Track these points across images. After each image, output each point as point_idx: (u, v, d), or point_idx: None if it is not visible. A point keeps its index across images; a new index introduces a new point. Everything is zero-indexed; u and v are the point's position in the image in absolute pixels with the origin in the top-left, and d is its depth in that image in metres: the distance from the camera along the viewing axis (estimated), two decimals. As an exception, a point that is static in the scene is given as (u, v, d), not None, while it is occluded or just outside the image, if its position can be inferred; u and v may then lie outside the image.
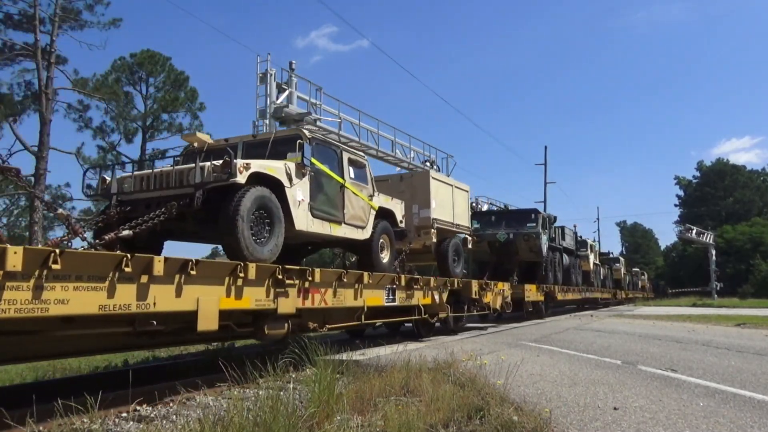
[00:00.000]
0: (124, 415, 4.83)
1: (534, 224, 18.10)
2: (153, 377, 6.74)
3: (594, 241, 31.27)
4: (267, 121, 14.64)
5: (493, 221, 18.80)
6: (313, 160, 7.65)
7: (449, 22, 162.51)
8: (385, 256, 9.56)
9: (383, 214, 9.60)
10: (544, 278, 19.06)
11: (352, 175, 8.75)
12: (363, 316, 8.22)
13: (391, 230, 9.79)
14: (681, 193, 78.66)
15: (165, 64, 31.65)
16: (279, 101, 14.98)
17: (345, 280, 7.65)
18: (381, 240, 9.38)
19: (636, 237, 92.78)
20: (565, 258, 22.18)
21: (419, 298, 10.05)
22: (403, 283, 9.35)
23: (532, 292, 17.41)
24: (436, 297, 10.72)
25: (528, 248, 17.81)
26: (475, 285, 12.49)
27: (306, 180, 7.43)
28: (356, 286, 8.00)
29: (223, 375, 4.86)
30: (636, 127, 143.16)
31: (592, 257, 28.14)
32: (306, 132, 7.81)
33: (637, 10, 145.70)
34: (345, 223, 8.25)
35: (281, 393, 4.17)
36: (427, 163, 21.27)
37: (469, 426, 4.08)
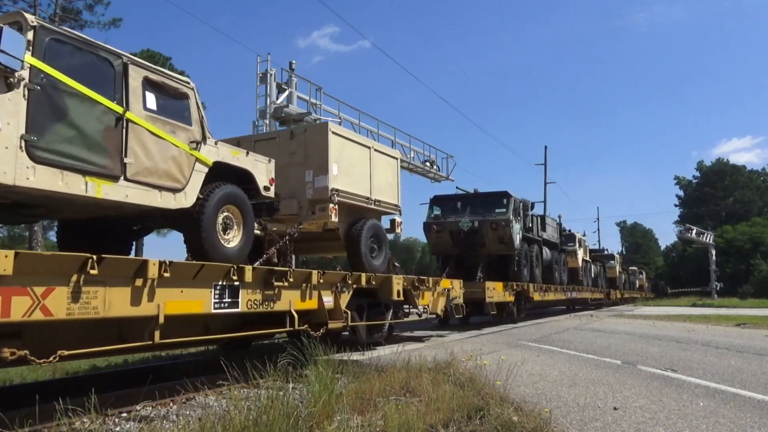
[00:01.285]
0: (124, 415, 4.83)
1: (504, 210, 15.34)
2: (153, 377, 6.73)
3: (584, 235, 28.31)
4: (267, 121, 14.65)
5: (456, 207, 15.97)
6: (39, 64, 4.59)
7: (450, 22, 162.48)
8: (233, 239, 6.50)
9: (229, 174, 6.55)
10: (516, 275, 16.02)
11: (151, 105, 5.65)
12: (159, 333, 5.16)
13: (246, 200, 6.68)
14: (681, 193, 78.65)
15: (165, 64, 31.62)
16: (279, 101, 15.00)
17: (94, 271, 4.50)
18: (223, 213, 6.33)
19: (636, 237, 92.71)
20: (546, 252, 19.42)
21: (293, 301, 7.04)
22: (249, 277, 6.19)
23: (496, 292, 14.34)
24: (327, 299, 7.65)
25: (496, 238, 15.15)
26: (398, 282, 9.32)
27: (17, 94, 4.42)
28: (138, 281, 4.96)
29: (223, 375, 4.87)
30: (636, 128, 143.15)
31: (580, 253, 25.45)
32: (30, 16, 4.70)
33: (638, 10, 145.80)
34: (129, 179, 5.24)
35: (281, 393, 4.17)
36: (428, 163, 21.28)
37: (469, 426, 4.08)
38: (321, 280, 7.52)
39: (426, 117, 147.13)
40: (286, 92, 15.32)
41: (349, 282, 8.18)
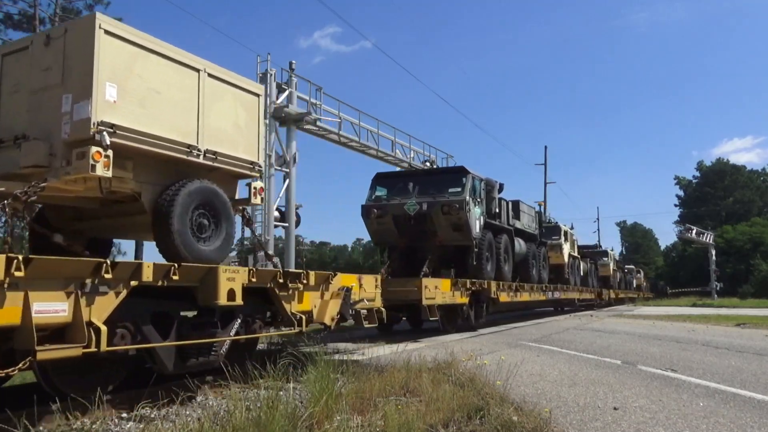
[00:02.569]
0: (124, 415, 4.82)
1: (458, 189, 12.46)
2: (153, 377, 6.72)
3: (571, 228, 25.16)
4: (267, 121, 14.64)
5: (404, 188, 13.03)
6: None
7: (450, 22, 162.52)
8: None
9: None
10: (476, 270, 13.01)
11: None
12: None
13: None
14: (681, 193, 78.66)
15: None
16: (279, 101, 14.99)
17: None
18: None
19: (636, 237, 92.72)
20: (520, 244, 16.39)
21: None
22: None
23: (439, 292, 11.12)
24: (48, 307, 4.19)
25: (449, 225, 12.33)
26: (230, 277, 5.76)
27: None
28: None
29: (223, 375, 4.86)
30: (637, 127, 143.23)
31: (566, 247, 22.47)
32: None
33: (638, 10, 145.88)
34: None
35: (281, 393, 4.17)
36: (427, 163, 21.27)
37: (469, 426, 4.08)
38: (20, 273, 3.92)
39: (426, 117, 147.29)
40: (286, 92, 15.31)
41: (109, 276, 4.57)
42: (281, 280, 6.56)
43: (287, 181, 15.21)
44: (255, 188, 7.02)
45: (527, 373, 6.44)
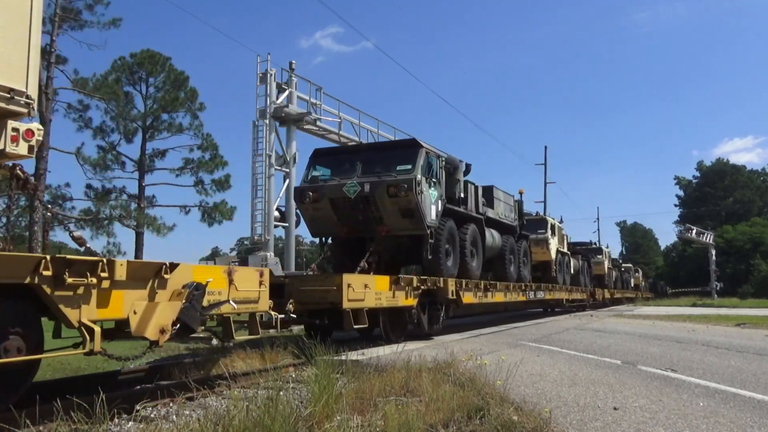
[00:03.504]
0: (125, 415, 4.82)
1: (408, 167, 10.24)
2: (153, 377, 6.73)
3: (560, 222, 23.04)
4: (267, 121, 14.65)
5: (347, 165, 10.89)
6: None
7: (451, 22, 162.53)
8: None
9: None
10: (432, 265, 10.82)
11: None
12: None
13: None
14: (681, 193, 78.69)
15: (165, 64, 31.60)
16: (279, 101, 15.01)
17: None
18: None
19: (636, 237, 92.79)
20: (493, 237, 14.04)
21: None
22: None
23: (371, 292, 8.60)
24: None
25: (397, 210, 10.10)
26: None
27: None
28: None
29: (222, 375, 4.86)
30: (637, 127, 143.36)
31: (554, 242, 20.46)
32: None
33: (641, 9, 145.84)
34: None
35: (281, 393, 4.18)
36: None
37: (469, 426, 4.08)
38: None
39: (426, 117, 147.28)
40: (286, 92, 15.32)
41: None
42: (51, 272, 4.30)
43: (287, 181, 15.22)
44: (18, 131, 4.78)
45: (527, 372, 6.44)
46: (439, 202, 10.98)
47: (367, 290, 8.46)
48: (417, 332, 10.54)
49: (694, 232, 46.93)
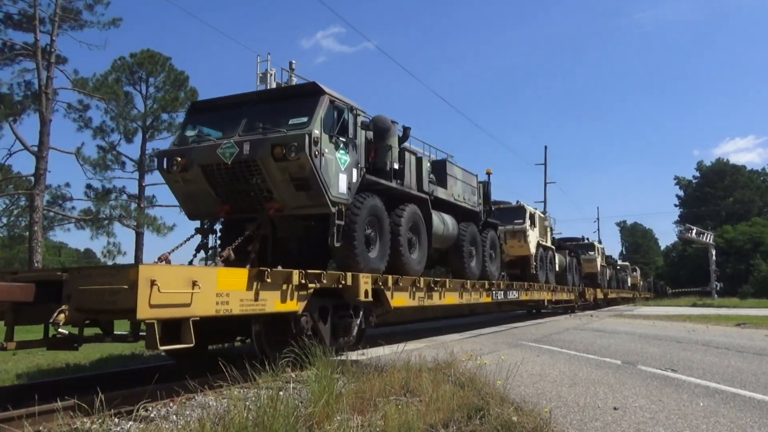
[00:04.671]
0: (124, 414, 4.82)
1: (303, 120, 7.66)
2: (153, 377, 6.72)
3: (544, 213, 20.51)
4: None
5: (232, 123, 8.12)
6: None
7: (451, 21, 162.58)
8: None
9: None
10: (343, 255, 8.14)
11: None
12: None
13: None
14: (681, 193, 78.71)
15: (165, 64, 31.61)
16: (278, 101, 14.86)
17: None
18: None
19: (636, 237, 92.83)
20: (446, 223, 11.47)
21: None
22: None
23: (202, 294, 5.49)
24: None
25: (287, 179, 7.53)
26: None
27: None
28: None
29: (223, 375, 4.86)
30: (637, 127, 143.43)
31: (533, 235, 17.74)
32: None
33: (642, 9, 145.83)
34: None
35: (281, 393, 4.18)
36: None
37: (469, 426, 4.08)
38: None
39: (426, 116, 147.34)
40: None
41: None
42: None
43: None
44: None
45: (527, 372, 6.45)
46: (354, 171, 8.24)
47: (196, 290, 5.42)
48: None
49: (694, 232, 46.94)
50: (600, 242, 34.51)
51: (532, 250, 17.65)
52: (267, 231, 8.53)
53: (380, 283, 8.64)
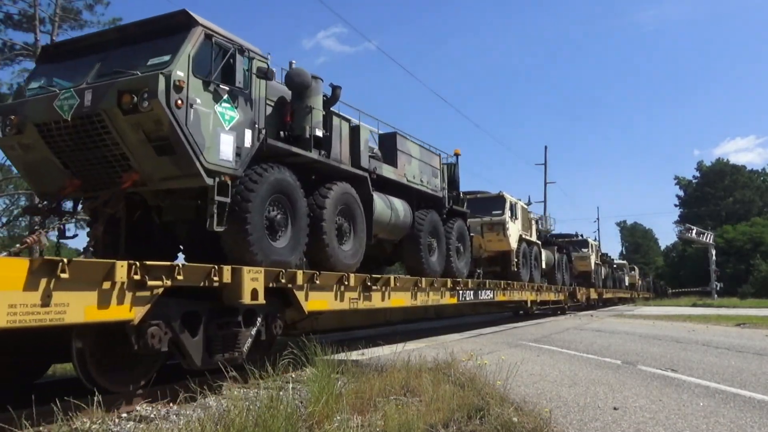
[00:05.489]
0: (124, 415, 4.83)
1: (165, 59, 5.67)
2: (153, 377, 6.72)
3: (528, 203, 18.63)
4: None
5: (83, 68, 6.14)
6: None
7: (451, 20, 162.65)
8: None
9: None
10: (230, 243, 6.27)
11: None
12: None
13: None
14: (681, 193, 78.69)
15: (165, 64, 31.58)
16: (278, 101, 14.80)
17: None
18: None
19: (636, 237, 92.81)
20: (395, 209, 9.60)
21: None
22: None
23: None
24: None
25: (143, 139, 5.64)
26: None
27: None
28: None
29: (223, 375, 4.87)
30: (638, 127, 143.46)
31: (515, 227, 15.89)
32: None
33: (644, 9, 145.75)
34: None
35: (281, 393, 4.18)
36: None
37: (469, 426, 4.08)
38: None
39: (426, 116, 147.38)
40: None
41: None
42: None
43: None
44: None
45: (527, 373, 6.45)
46: (247, 132, 6.41)
47: None
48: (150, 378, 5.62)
49: (694, 232, 46.92)
50: (596, 240, 32.90)
51: (513, 244, 15.83)
52: (119, 211, 6.58)
53: (283, 280, 6.50)
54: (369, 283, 8.37)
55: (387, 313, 11.02)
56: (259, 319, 6.32)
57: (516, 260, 15.98)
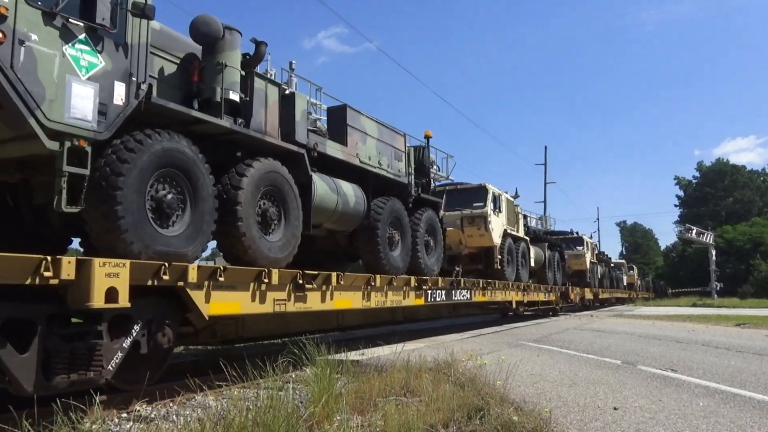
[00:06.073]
0: (124, 415, 4.83)
1: None
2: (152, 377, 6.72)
3: (516, 195, 16.90)
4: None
5: None
6: None
7: (452, 21, 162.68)
8: None
9: None
10: (99, 224, 4.90)
11: None
12: None
13: None
14: (681, 193, 78.67)
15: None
16: (278, 101, 14.73)
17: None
18: None
19: (636, 237, 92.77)
20: (343, 193, 8.24)
21: None
22: None
23: None
24: None
25: None
26: None
27: None
28: None
29: (223, 375, 4.86)
30: (638, 127, 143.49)
31: (497, 221, 14.41)
32: None
33: (645, 8, 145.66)
34: None
35: (281, 393, 4.18)
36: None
37: (469, 426, 4.08)
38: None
39: (427, 117, 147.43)
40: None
41: None
42: None
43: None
44: None
45: (527, 373, 6.45)
46: (118, 86, 5.07)
47: None
48: None
49: (694, 232, 46.92)
50: (591, 237, 31.14)
51: (497, 240, 14.38)
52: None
53: (166, 276, 5.14)
54: (302, 281, 6.81)
55: (339, 316, 9.45)
56: (136, 328, 4.97)
57: (500, 257, 14.54)
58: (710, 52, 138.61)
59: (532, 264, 17.57)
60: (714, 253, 47.93)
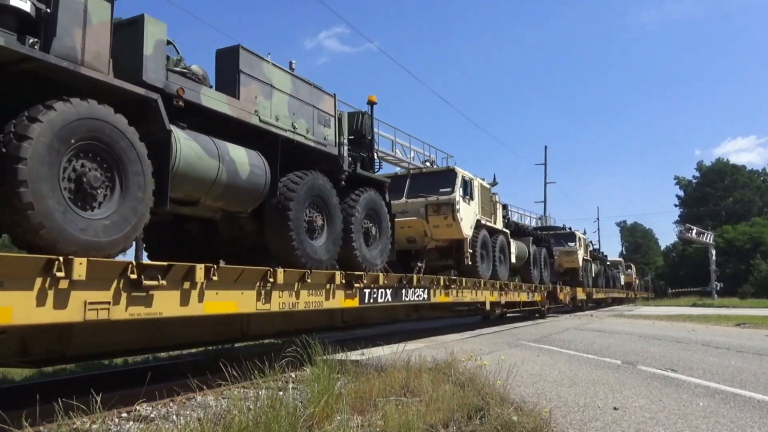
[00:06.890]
0: (124, 415, 4.83)
1: None
2: (153, 377, 6.73)
3: (492, 184, 14.96)
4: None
5: None
6: None
7: (452, 21, 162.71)
8: None
9: None
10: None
11: None
12: None
13: None
14: (681, 193, 78.67)
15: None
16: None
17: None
18: None
19: (636, 237, 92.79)
20: (232, 160, 6.06)
21: None
22: None
23: None
24: None
25: None
26: None
27: None
28: None
29: (223, 375, 4.87)
30: (638, 127, 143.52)
31: (468, 211, 12.49)
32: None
33: (645, 8, 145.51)
34: None
35: (281, 393, 4.18)
36: (427, 163, 21.23)
37: (469, 426, 4.08)
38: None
39: (427, 117, 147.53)
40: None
41: None
42: None
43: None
44: None
45: (527, 373, 6.45)
46: None
47: None
48: None
49: (694, 232, 46.93)
50: (584, 232, 28.98)
51: (467, 231, 12.32)
52: None
53: None
54: (141, 277, 4.70)
55: (243, 322, 7.28)
56: None
57: (471, 251, 12.45)
58: (710, 52, 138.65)
59: (513, 260, 15.48)
60: (714, 253, 47.94)
